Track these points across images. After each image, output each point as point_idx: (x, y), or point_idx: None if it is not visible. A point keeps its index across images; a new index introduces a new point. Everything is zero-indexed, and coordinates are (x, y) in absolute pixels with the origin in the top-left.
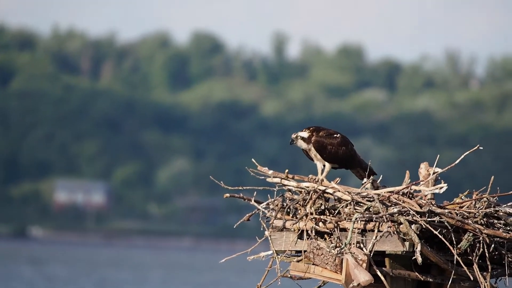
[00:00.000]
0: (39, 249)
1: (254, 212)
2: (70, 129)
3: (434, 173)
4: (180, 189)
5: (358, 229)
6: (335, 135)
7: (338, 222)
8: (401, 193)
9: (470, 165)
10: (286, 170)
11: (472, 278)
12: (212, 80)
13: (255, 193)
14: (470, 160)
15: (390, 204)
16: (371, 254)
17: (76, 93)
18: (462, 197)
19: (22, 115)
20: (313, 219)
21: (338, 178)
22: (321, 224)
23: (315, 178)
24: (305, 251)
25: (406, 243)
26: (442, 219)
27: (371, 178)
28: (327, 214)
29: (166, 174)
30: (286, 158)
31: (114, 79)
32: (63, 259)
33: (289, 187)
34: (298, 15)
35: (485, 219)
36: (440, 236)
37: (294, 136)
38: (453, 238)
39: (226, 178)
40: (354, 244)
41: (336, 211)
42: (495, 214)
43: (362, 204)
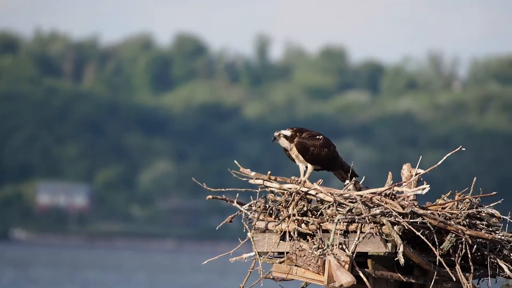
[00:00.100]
0: (22, 251)
1: (236, 213)
2: (53, 131)
3: (416, 174)
4: (162, 191)
5: (341, 230)
6: (318, 137)
7: (321, 224)
8: (383, 194)
9: (452, 166)
10: (269, 172)
11: (454, 279)
12: (194, 82)
13: (238, 194)
14: (453, 161)
15: (372, 205)
16: (354, 255)
17: (58, 95)
18: (445, 198)
19: (4, 118)
20: (295, 221)
21: (320, 180)
22: (303, 225)
23: (298, 180)
24: (287, 253)
25: (389, 244)
26: (425, 220)
27: (354, 179)
28: (310, 215)
29: (149, 177)
30: (268, 160)
31: (97, 82)
32: (46, 261)
33: (271, 189)
34: (280, 17)
35: (467, 220)
36: (422, 237)
37: (277, 134)
38: (435, 239)
39: (209, 180)
40: (336, 245)
41: (318, 213)
42: (478, 215)
43: (344, 205)
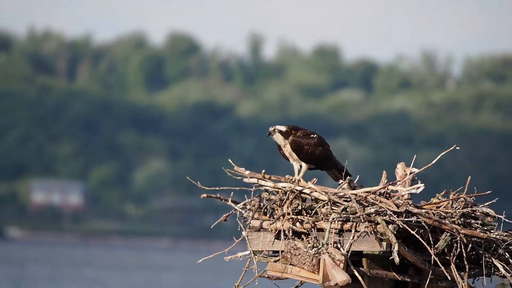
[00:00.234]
0: (17, 249)
1: (231, 212)
2: (47, 130)
3: (411, 173)
4: (157, 189)
5: (335, 229)
6: (312, 135)
7: (315, 222)
8: (378, 193)
9: (446, 165)
10: (263, 171)
11: (449, 278)
12: (188, 81)
13: (232, 193)
14: (447, 160)
15: (367, 204)
16: (349, 254)
17: (52, 94)
18: (439, 197)
19: None
20: (290, 219)
21: (315, 179)
22: (298, 224)
23: (292, 179)
24: (282, 251)
25: (384, 243)
26: (419, 219)
27: (348, 178)
28: (304, 214)
29: (143, 175)
30: (262, 158)
31: (90, 80)
32: (41, 260)
33: (266, 188)
34: (274, 16)
35: (462, 219)
36: (417, 236)
37: (272, 129)
38: (430, 238)
39: (203, 179)
40: (331, 244)
41: (313, 211)
42: (472, 214)
43: (339, 204)
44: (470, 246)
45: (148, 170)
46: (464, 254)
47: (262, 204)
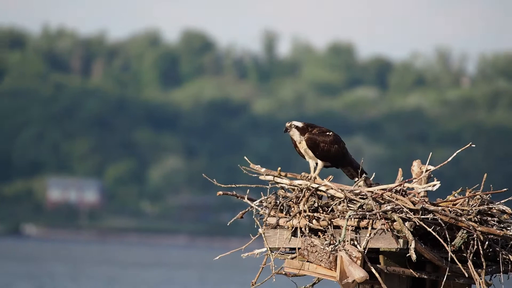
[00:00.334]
0: (33, 247)
1: (247, 209)
2: (62, 127)
3: (426, 170)
4: (172, 187)
5: (352, 226)
6: (328, 133)
7: (332, 220)
8: (394, 190)
9: (462, 162)
10: (279, 168)
11: (466, 275)
12: (202, 78)
13: (248, 191)
14: (463, 157)
15: (383, 201)
16: (365, 251)
17: (66, 91)
18: (455, 194)
19: (13, 114)
20: (306, 217)
21: (331, 176)
22: (314, 221)
23: (308, 176)
24: (299, 248)
25: (400, 240)
26: (436, 217)
27: (364, 175)
28: (321, 211)
29: (159, 172)
30: (278, 156)
31: (105, 78)
32: (57, 257)
33: (282, 185)
34: (288, 13)
35: (478, 217)
36: (433, 233)
37: (288, 124)
38: (447, 235)
39: (219, 176)
40: (348, 241)
41: (329, 209)
42: (489, 212)
43: (355, 201)
44: (487, 243)
45: (163, 168)
46: (481, 251)
47: (278, 201)
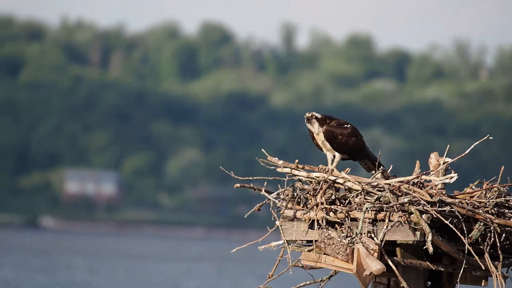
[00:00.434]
0: (50, 239)
1: (264, 202)
2: (80, 120)
3: (444, 163)
4: (190, 179)
5: (369, 218)
6: (346, 125)
7: (349, 212)
8: (411, 183)
9: (480, 155)
10: (296, 160)
11: (483, 268)
12: (221, 70)
13: (265, 183)
14: (480, 150)
15: (400, 194)
16: (382, 244)
17: (85, 84)
18: (473, 187)
19: (31, 107)
20: (323, 209)
21: (348, 168)
22: (331, 214)
23: (325, 168)
24: (316, 241)
25: (417, 233)
26: (453, 209)
27: (381, 168)
28: (338, 204)
29: (177, 165)
30: (295, 148)
31: (123, 70)
32: (76, 249)
33: (299, 177)
34: (306, 5)
35: (495, 209)
36: (451, 225)
37: (309, 114)
38: (464, 228)
39: (236, 169)
40: (365, 233)
41: (346, 201)
42: (506, 204)
43: (372, 194)
44: (504, 235)
45: (181, 160)
46: (498, 244)
47: (295, 194)
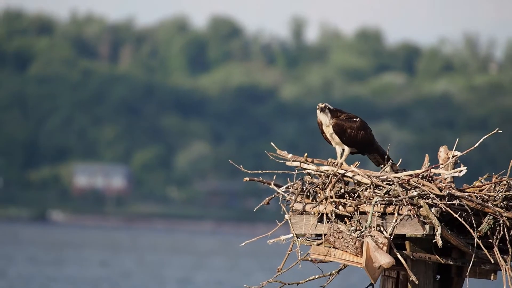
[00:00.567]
0: (60, 233)
1: (273, 195)
2: (89, 113)
3: (453, 156)
4: (199, 173)
5: (378, 212)
6: (355, 119)
7: (358, 206)
8: (420, 176)
9: (489, 148)
10: (305, 154)
11: (492, 261)
12: (230, 64)
13: (275, 176)
14: (489, 143)
15: (409, 187)
16: (391, 237)
17: (94, 77)
18: (482, 180)
19: (40, 100)
20: (333, 203)
21: (357, 162)
22: (341, 207)
23: (335, 162)
24: (325, 235)
25: (426, 226)
26: (462, 202)
27: (391, 161)
28: (347, 197)
29: (186, 158)
30: (304, 141)
31: (133, 64)
32: (85, 243)
33: (308, 171)
34: None
35: (505, 202)
36: (460, 219)
37: (323, 105)
38: (473, 221)
39: (245, 162)
40: (374, 227)
41: (355, 195)
42: None
43: (381, 187)
44: None
45: (190, 154)
46: (507, 237)
47: (304, 187)
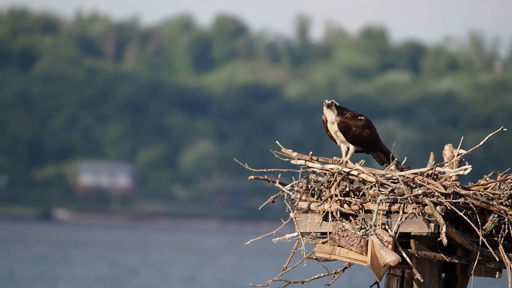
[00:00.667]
0: (65, 231)
1: (278, 194)
2: (94, 112)
3: (458, 154)
4: (204, 171)
5: (383, 210)
6: (360, 117)
7: (363, 204)
8: (425, 174)
9: (494, 146)
10: (310, 152)
11: (497, 259)
12: (235, 62)
13: (280, 175)
14: (494, 141)
15: (414, 185)
16: (396, 236)
17: (99, 76)
18: (487, 178)
19: (45, 99)
20: (337, 201)
21: (362, 160)
22: (346, 205)
23: (340, 160)
24: (330, 233)
25: (431, 225)
26: (467, 201)
27: (395, 160)
28: (352, 196)
29: (191, 157)
30: (309, 140)
31: (138, 62)
32: (90, 241)
33: (313, 169)
34: None
35: (510, 201)
36: (465, 217)
37: (330, 101)
38: (478, 220)
39: (250, 161)
40: (379, 225)
41: (360, 193)
42: None
43: (386, 185)
44: None
45: (195, 152)
46: None
47: (309, 185)
